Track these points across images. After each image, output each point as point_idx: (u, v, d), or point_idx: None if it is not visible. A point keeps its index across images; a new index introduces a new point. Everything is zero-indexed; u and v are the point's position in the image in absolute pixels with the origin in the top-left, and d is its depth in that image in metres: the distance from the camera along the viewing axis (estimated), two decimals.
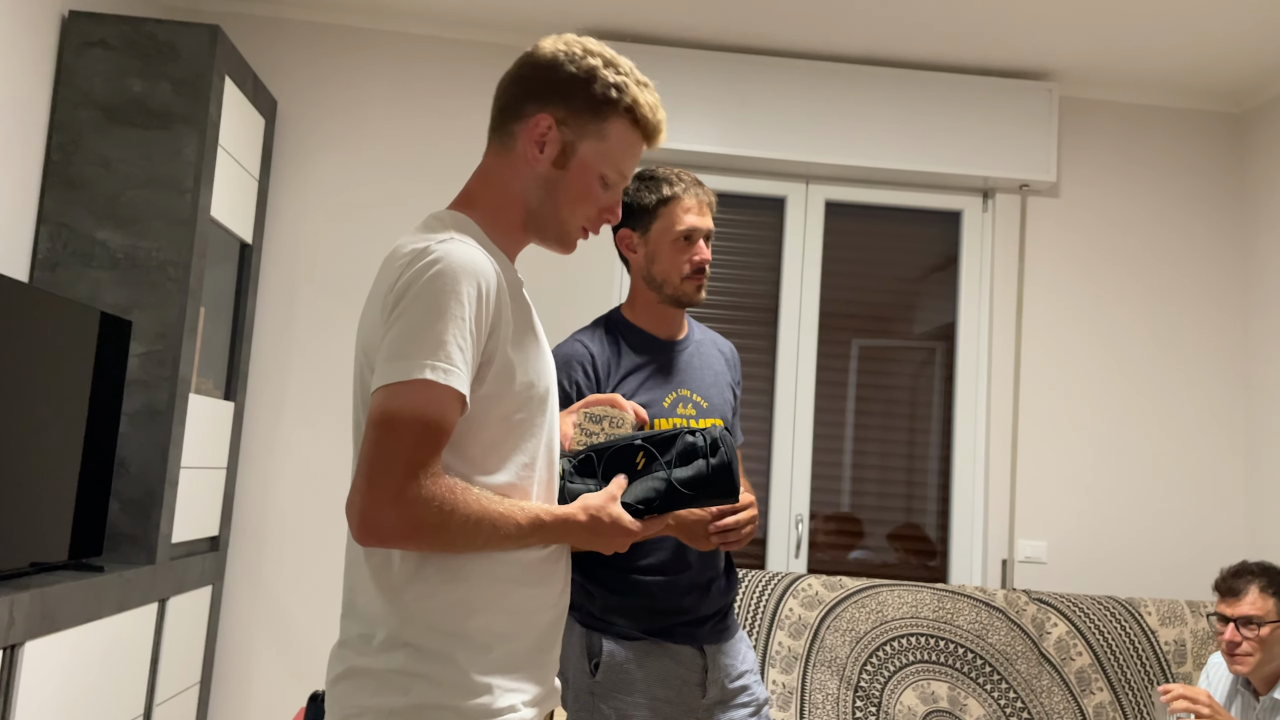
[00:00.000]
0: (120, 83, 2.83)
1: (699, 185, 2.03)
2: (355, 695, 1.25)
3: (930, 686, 3.25)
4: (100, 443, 2.58)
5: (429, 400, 1.17)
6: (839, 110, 3.62)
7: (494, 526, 1.23)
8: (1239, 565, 2.39)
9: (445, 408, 1.19)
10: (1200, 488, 3.70)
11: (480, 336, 1.23)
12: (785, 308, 3.73)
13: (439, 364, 1.18)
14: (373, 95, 3.61)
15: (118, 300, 2.78)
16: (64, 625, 2.27)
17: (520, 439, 1.30)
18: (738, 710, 1.96)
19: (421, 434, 1.17)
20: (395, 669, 1.23)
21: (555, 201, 1.34)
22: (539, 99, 1.32)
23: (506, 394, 1.27)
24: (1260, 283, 3.71)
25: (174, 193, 2.82)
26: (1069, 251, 3.76)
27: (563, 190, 1.33)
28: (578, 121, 1.32)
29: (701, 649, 1.94)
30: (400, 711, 1.22)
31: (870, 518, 3.71)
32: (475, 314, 1.21)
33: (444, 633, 1.24)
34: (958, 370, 3.75)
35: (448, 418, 1.19)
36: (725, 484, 1.42)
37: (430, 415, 1.17)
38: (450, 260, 1.21)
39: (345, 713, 1.25)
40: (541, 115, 1.32)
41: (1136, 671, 3.33)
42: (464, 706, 1.23)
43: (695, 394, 2.03)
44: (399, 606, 1.24)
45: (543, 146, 1.32)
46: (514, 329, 1.29)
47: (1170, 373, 3.74)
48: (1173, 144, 3.84)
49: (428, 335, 1.18)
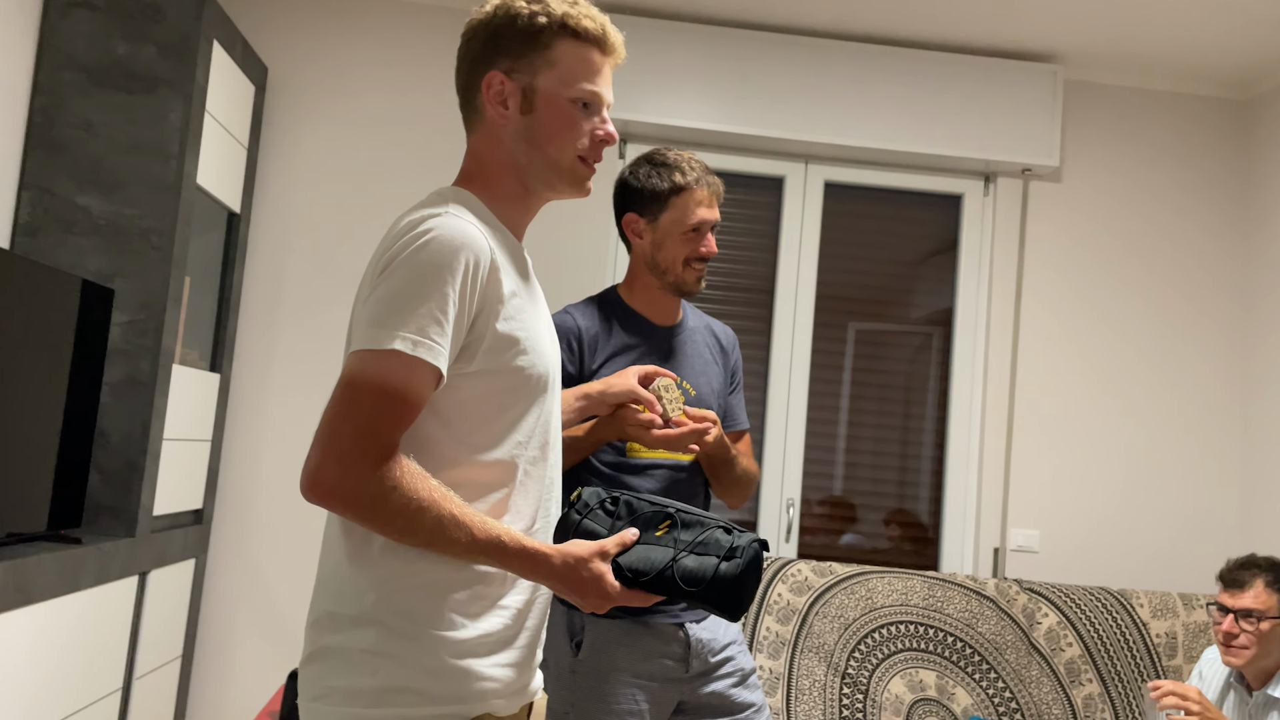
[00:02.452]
0: (104, 45, 2.77)
1: (709, 174, 2.02)
2: (324, 675, 1.22)
3: (918, 675, 3.22)
4: (80, 413, 2.53)
5: (395, 369, 1.16)
6: (840, 89, 3.56)
7: (440, 524, 1.18)
8: (1247, 557, 2.34)
9: (411, 379, 1.17)
10: (1196, 479, 3.67)
11: (467, 312, 1.21)
12: (781, 289, 3.68)
13: (411, 335, 1.16)
14: (366, 63, 3.55)
15: (100, 268, 2.73)
16: (39, 598, 2.23)
17: (515, 417, 1.28)
18: (722, 681, 1.97)
19: (381, 402, 1.16)
20: (363, 648, 1.20)
21: (539, 146, 1.32)
22: (483, 62, 1.32)
23: (500, 371, 1.25)
24: (1262, 272, 3.66)
25: (159, 159, 2.76)
26: (1070, 238, 3.72)
27: (540, 131, 1.31)
28: (524, 63, 1.31)
29: (682, 625, 1.95)
30: (366, 693, 1.19)
31: (862, 503, 3.68)
32: (461, 289, 1.20)
33: (415, 613, 1.21)
34: (954, 356, 3.71)
35: (412, 389, 1.17)
36: (722, 596, 1.31)
37: (393, 384, 1.16)
38: (441, 233, 1.20)
39: (314, 693, 1.22)
40: (490, 73, 1.31)
41: (1127, 663, 3.31)
42: (431, 690, 1.20)
43: (683, 380, 2.04)
44: (372, 584, 1.21)
45: (505, 101, 1.31)
46: (511, 307, 1.27)
47: (1169, 363, 3.70)
48: (1177, 130, 3.78)
49: (406, 306, 1.17)
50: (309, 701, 1.23)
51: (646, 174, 2.00)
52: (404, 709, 1.19)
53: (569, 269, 3.55)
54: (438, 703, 1.20)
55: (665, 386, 1.84)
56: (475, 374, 1.24)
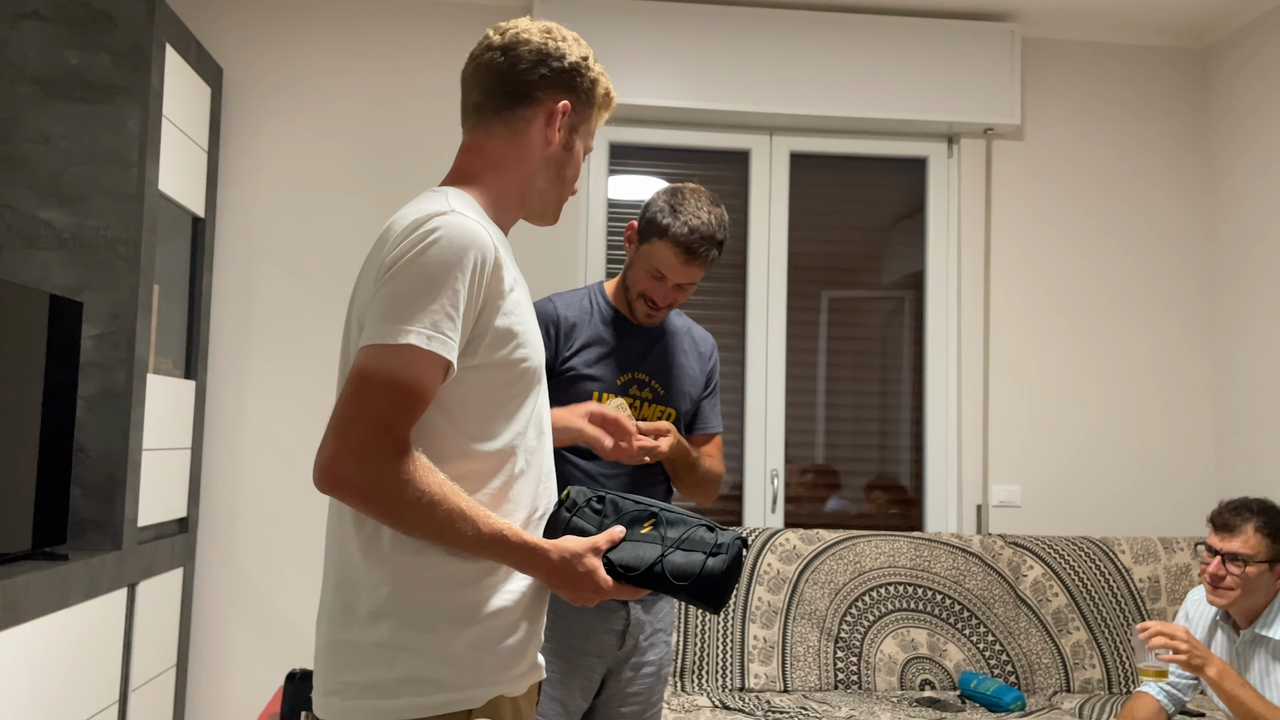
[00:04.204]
0: (56, 55, 2.73)
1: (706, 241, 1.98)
2: (339, 670, 1.24)
3: (910, 634, 3.27)
4: (57, 429, 2.51)
5: (408, 364, 1.19)
6: (800, 59, 3.56)
7: (450, 517, 1.22)
8: (1239, 501, 2.34)
9: (424, 374, 1.21)
10: (1171, 424, 3.73)
11: (474, 308, 1.25)
12: (753, 262, 3.69)
13: (425, 330, 1.20)
14: (323, 58, 3.51)
15: (67, 281, 2.70)
16: (29, 616, 2.22)
17: (514, 408, 1.32)
18: (645, 668, 2.10)
19: (395, 395, 1.19)
20: (379, 642, 1.23)
21: (561, 180, 1.44)
22: (552, 87, 1.41)
23: (501, 364, 1.29)
24: (1225, 219, 3.71)
25: (119, 168, 2.73)
26: (1035, 194, 3.75)
27: (568, 170, 1.45)
28: (582, 109, 1.45)
29: (626, 604, 2.05)
30: (384, 685, 1.22)
31: (845, 469, 3.71)
32: (471, 286, 1.24)
33: (430, 605, 1.24)
34: (927, 318, 3.74)
35: (424, 383, 1.21)
36: (708, 591, 1.37)
37: (406, 378, 1.19)
38: (451, 231, 1.24)
39: (329, 687, 1.25)
40: (562, 103, 1.41)
41: (1112, 610, 3.37)
42: (447, 678, 1.23)
43: (654, 380, 2.10)
44: (386, 578, 1.24)
45: (559, 130, 1.42)
46: (510, 301, 1.31)
47: (1138, 312, 3.75)
48: (1136, 81, 3.82)
49: (420, 302, 1.20)
50: (324, 696, 1.25)
51: (661, 201, 2.03)
52: (421, 698, 1.22)
53: (542, 263, 3.54)
54: (453, 689, 1.24)
55: (618, 405, 1.91)
56: (478, 367, 1.28)
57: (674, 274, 2.00)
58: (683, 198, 2.00)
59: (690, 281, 2.02)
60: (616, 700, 2.08)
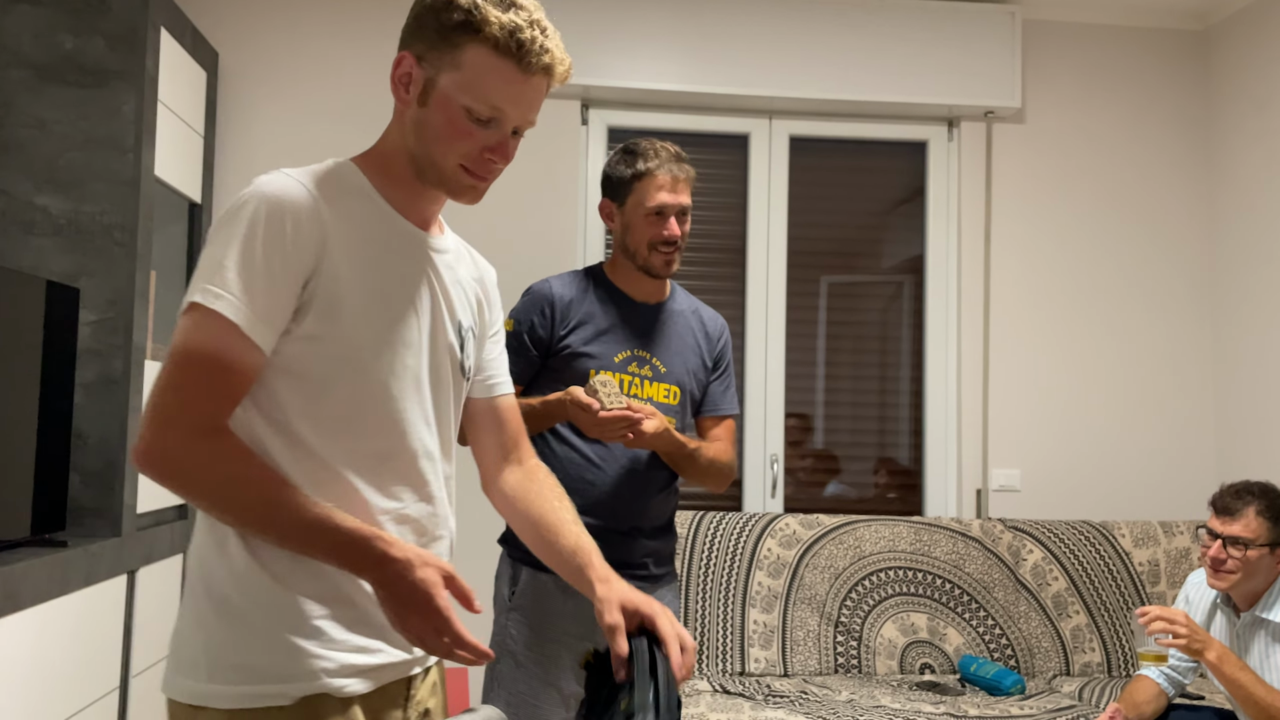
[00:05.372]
0: (51, 40, 2.71)
1: (676, 161, 2.05)
2: (174, 647, 1.21)
3: (910, 618, 3.27)
4: (55, 416, 2.50)
5: (195, 326, 1.11)
6: (800, 42, 3.54)
7: (255, 504, 1.11)
8: (1242, 484, 2.35)
9: (211, 335, 1.11)
10: (1171, 408, 3.73)
11: (287, 271, 1.15)
12: (753, 247, 3.68)
13: (212, 288, 1.12)
14: (319, 42, 3.49)
15: (64, 268, 2.68)
16: (29, 603, 2.22)
17: (340, 398, 1.20)
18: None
19: (185, 362, 1.11)
20: (202, 623, 1.18)
21: (425, 142, 1.24)
22: (404, 40, 1.25)
23: (327, 340, 1.18)
24: (1227, 201, 3.70)
25: (115, 153, 2.71)
26: (1036, 177, 3.73)
27: (429, 128, 1.23)
28: (434, 55, 1.21)
29: None
30: (200, 667, 1.17)
31: (845, 454, 3.71)
32: (277, 245, 1.14)
33: (254, 588, 1.18)
34: (927, 302, 3.73)
35: (211, 345, 1.11)
36: None
37: (192, 343, 1.11)
38: (255, 191, 1.16)
39: (165, 673, 1.22)
40: (403, 54, 1.24)
41: (1112, 593, 3.37)
42: (260, 666, 1.16)
43: (655, 358, 2.09)
44: (219, 560, 1.19)
45: (408, 87, 1.24)
46: (346, 277, 1.19)
47: (1139, 295, 3.74)
48: (1137, 63, 3.80)
49: (209, 262, 1.13)
50: (168, 671, 1.22)
51: (615, 161, 2.08)
52: (232, 686, 1.15)
53: (540, 246, 3.52)
54: (266, 680, 1.16)
55: (602, 382, 1.89)
56: (301, 338, 1.18)
57: (673, 198, 2.03)
58: (635, 144, 2.07)
59: (687, 207, 2.06)
60: None
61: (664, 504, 2.12)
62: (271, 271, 1.13)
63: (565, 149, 3.53)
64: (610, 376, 1.94)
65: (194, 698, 1.16)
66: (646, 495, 2.08)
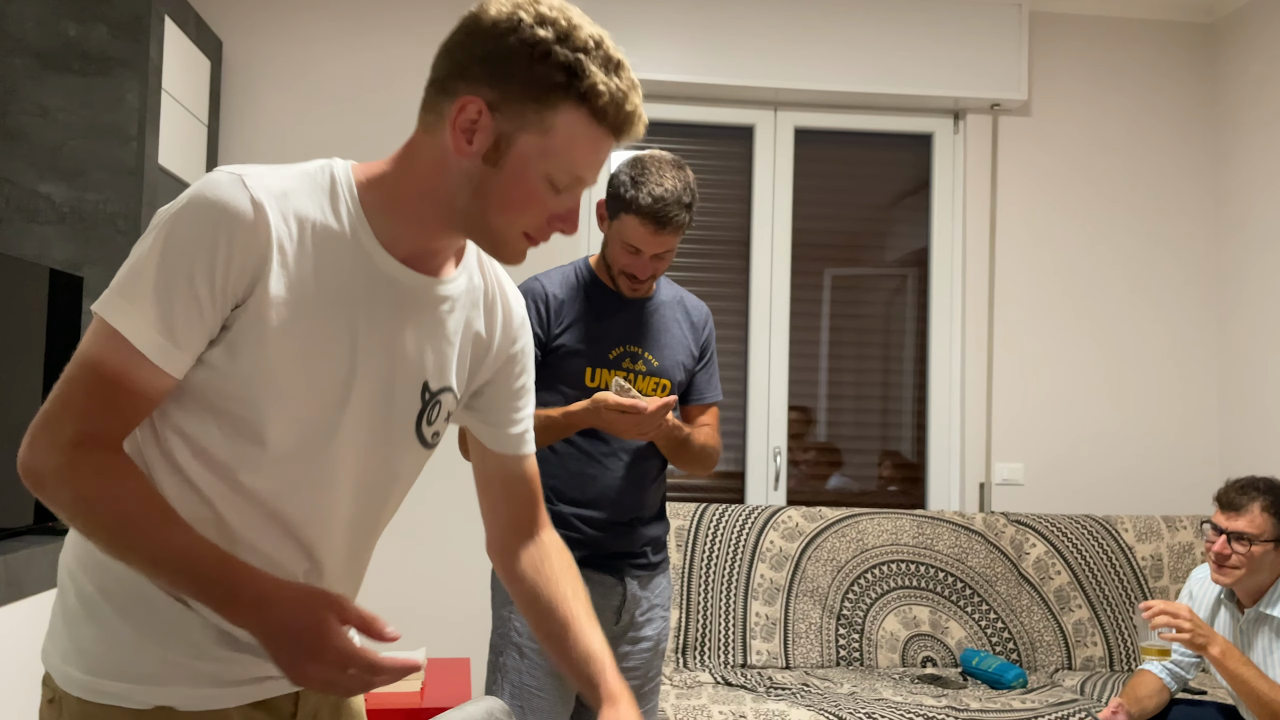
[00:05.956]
0: (54, 27, 2.70)
1: (674, 206, 1.93)
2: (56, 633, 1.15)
3: (912, 611, 3.27)
4: None
5: (103, 339, 1.01)
6: (806, 34, 3.53)
7: (113, 533, 0.99)
8: (1247, 480, 2.34)
9: (114, 352, 1.00)
10: (1175, 403, 3.72)
11: (214, 294, 1.00)
12: (757, 239, 3.67)
13: (123, 302, 1.00)
14: (323, 31, 3.48)
15: (67, 256, 2.68)
16: (31, 590, 2.22)
17: (226, 440, 1.06)
18: (642, 643, 2.10)
19: (83, 374, 1.01)
20: (57, 610, 1.13)
21: (485, 204, 1.05)
22: (470, 76, 1.02)
23: (229, 376, 1.04)
24: (1233, 196, 3.69)
25: (118, 141, 2.71)
26: (1041, 171, 3.72)
27: (495, 192, 1.04)
28: (515, 108, 1.01)
29: (622, 580, 2.07)
30: (49, 653, 1.12)
31: (848, 447, 3.71)
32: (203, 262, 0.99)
33: (101, 581, 1.09)
34: (932, 296, 3.72)
35: (113, 363, 1.00)
36: None
37: (89, 354, 1.01)
38: (197, 195, 1.00)
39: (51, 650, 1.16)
40: (470, 98, 1.02)
41: (1115, 588, 3.37)
42: (91, 664, 1.08)
43: (646, 352, 2.09)
44: (77, 548, 1.12)
45: (471, 137, 1.03)
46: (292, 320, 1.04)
47: (1145, 290, 3.73)
48: (1144, 56, 3.78)
49: (130, 269, 1.01)
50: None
51: (621, 174, 2.00)
52: (91, 678, 1.07)
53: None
54: (97, 675, 1.07)
55: (618, 386, 1.89)
56: (208, 366, 1.04)
57: (646, 245, 1.96)
58: (643, 168, 1.96)
59: (666, 250, 1.98)
60: None
61: (658, 492, 2.14)
62: (195, 292, 1.00)
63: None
64: (620, 380, 1.93)
65: (69, 684, 1.08)
66: (644, 485, 2.09)
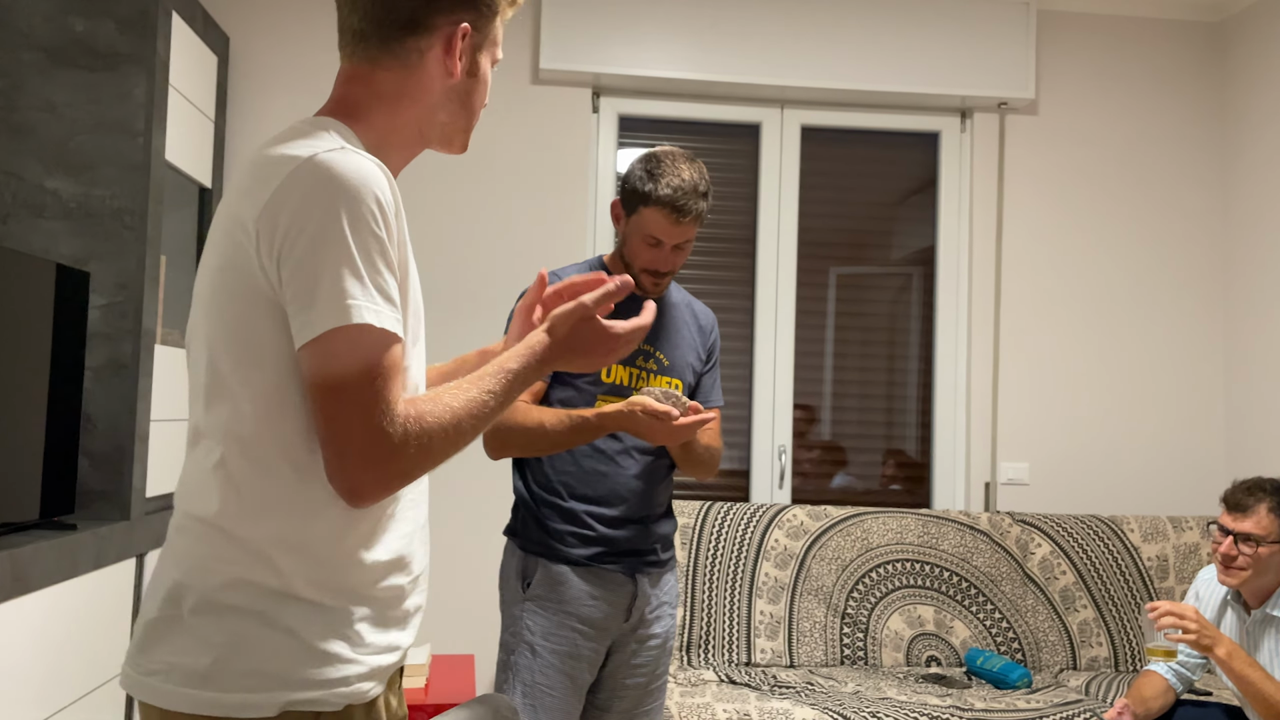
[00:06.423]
0: (61, 22, 2.70)
1: (691, 195, 1.98)
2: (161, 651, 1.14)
3: (916, 611, 3.27)
4: (65, 399, 2.50)
5: (366, 346, 1.04)
6: (812, 32, 3.52)
7: (474, 419, 1.12)
8: (1254, 481, 2.34)
9: (376, 351, 1.05)
10: (1181, 403, 3.71)
11: (394, 247, 1.09)
12: (763, 237, 3.66)
13: (359, 303, 1.04)
14: (329, 27, 3.48)
15: (74, 251, 2.68)
16: (38, 585, 2.22)
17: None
18: (651, 641, 2.12)
19: (369, 385, 1.03)
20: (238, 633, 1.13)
21: (467, 112, 1.25)
22: (448, 10, 1.19)
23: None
24: (1240, 196, 3.67)
25: (125, 136, 2.71)
26: (1049, 170, 3.71)
27: (475, 96, 1.24)
28: (483, 24, 1.23)
29: (634, 577, 2.08)
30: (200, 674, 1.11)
31: (853, 445, 3.70)
32: (381, 239, 1.07)
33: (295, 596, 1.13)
34: (938, 294, 3.72)
35: (387, 357, 1.05)
36: None
37: (371, 362, 1.04)
38: (349, 175, 1.05)
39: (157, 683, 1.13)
40: (462, 26, 1.19)
41: (1120, 588, 3.36)
42: (286, 673, 1.09)
43: (659, 351, 2.12)
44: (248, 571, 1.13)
45: (459, 59, 1.21)
46: (401, 257, 1.14)
47: (1151, 289, 3.72)
48: (1152, 55, 3.77)
49: (335, 276, 1.03)
50: (143, 675, 1.11)
51: (635, 169, 2.04)
52: (246, 695, 1.06)
53: (551, 237, 3.52)
54: (293, 689, 1.07)
55: (666, 393, 1.89)
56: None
57: (668, 236, 1.99)
58: (658, 161, 2.01)
59: (686, 240, 2.02)
60: (622, 673, 2.10)
61: (666, 490, 2.17)
62: (388, 261, 1.08)
63: (576, 137, 3.52)
64: (663, 390, 1.93)
65: (215, 709, 1.06)
66: (654, 483, 2.11)
